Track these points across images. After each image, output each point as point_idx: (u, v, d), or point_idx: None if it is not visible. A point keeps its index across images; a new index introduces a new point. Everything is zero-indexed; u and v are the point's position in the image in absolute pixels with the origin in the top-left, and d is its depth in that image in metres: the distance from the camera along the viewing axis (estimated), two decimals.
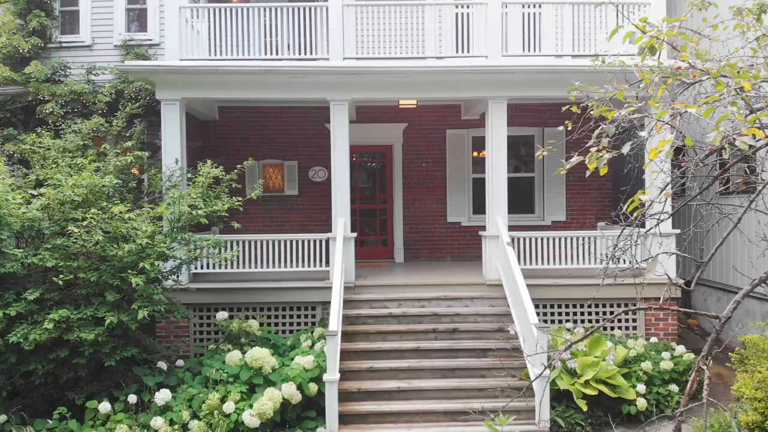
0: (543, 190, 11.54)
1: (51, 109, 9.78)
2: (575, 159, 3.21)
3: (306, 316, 8.82)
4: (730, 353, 6.55)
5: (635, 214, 3.62)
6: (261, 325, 8.32)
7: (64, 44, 10.70)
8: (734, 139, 2.64)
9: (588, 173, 3.32)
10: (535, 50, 9.33)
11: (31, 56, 10.36)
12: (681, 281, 8.91)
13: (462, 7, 9.49)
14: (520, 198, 11.62)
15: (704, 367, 3.16)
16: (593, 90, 4.44)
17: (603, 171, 3.12)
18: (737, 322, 9.26)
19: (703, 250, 10.78)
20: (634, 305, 8.92)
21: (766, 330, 6.33)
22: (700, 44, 4.41)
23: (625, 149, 3.07)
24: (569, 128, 4.79)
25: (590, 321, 8.71)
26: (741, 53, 4.57)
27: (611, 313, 8.74)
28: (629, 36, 3.48)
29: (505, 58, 8.97)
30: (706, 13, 4.62)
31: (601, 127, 3.26)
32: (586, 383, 6.82)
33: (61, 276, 6.48)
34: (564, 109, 4.80)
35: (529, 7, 9.45)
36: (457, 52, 9.36)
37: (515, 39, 9.25)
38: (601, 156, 3.07)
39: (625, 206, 3.11)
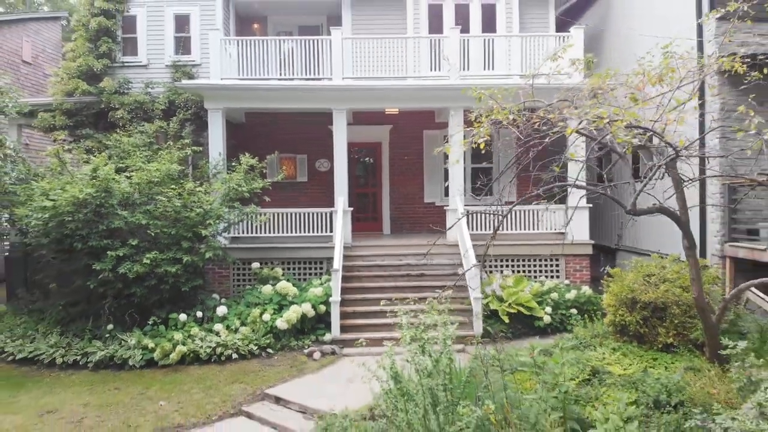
0: (499, 177, 14.59)
1: (121, 115, 12.84)
2: (440, 148, 6.37)
3: (315, 269, 11.90)
4: (602, 280, 9.63)
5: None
6: (283, 273, 11.39)
7: (125, 64, 13.75)
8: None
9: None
10: (491, 70, 12.39)
11: (101, 73, 13.43)
12: (592, 242, 12.06)
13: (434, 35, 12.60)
14: (484, 184, 14.68)
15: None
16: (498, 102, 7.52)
17: (447, 150, 6.32)
18: None
19: (622, 223, 13.89)
20: (557, 261, 12.10)
21: (628, 266, 9.38)
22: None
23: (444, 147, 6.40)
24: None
25: (523, 270, 11.79)
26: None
27: (540, 265, 11.83)
28: (466, 90, 6.64)
29: (462, 78, 12.04)
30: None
31: (449, 127, 6.57)
32: (509, 305, 9.90)
33: (150, 230, 9.55)
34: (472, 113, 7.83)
35: (486, 35, 12.54)
36: (431, 70, 12.44)
37: (475, 61, 12.33)
38: (450, 146, 6.28)
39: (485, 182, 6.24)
